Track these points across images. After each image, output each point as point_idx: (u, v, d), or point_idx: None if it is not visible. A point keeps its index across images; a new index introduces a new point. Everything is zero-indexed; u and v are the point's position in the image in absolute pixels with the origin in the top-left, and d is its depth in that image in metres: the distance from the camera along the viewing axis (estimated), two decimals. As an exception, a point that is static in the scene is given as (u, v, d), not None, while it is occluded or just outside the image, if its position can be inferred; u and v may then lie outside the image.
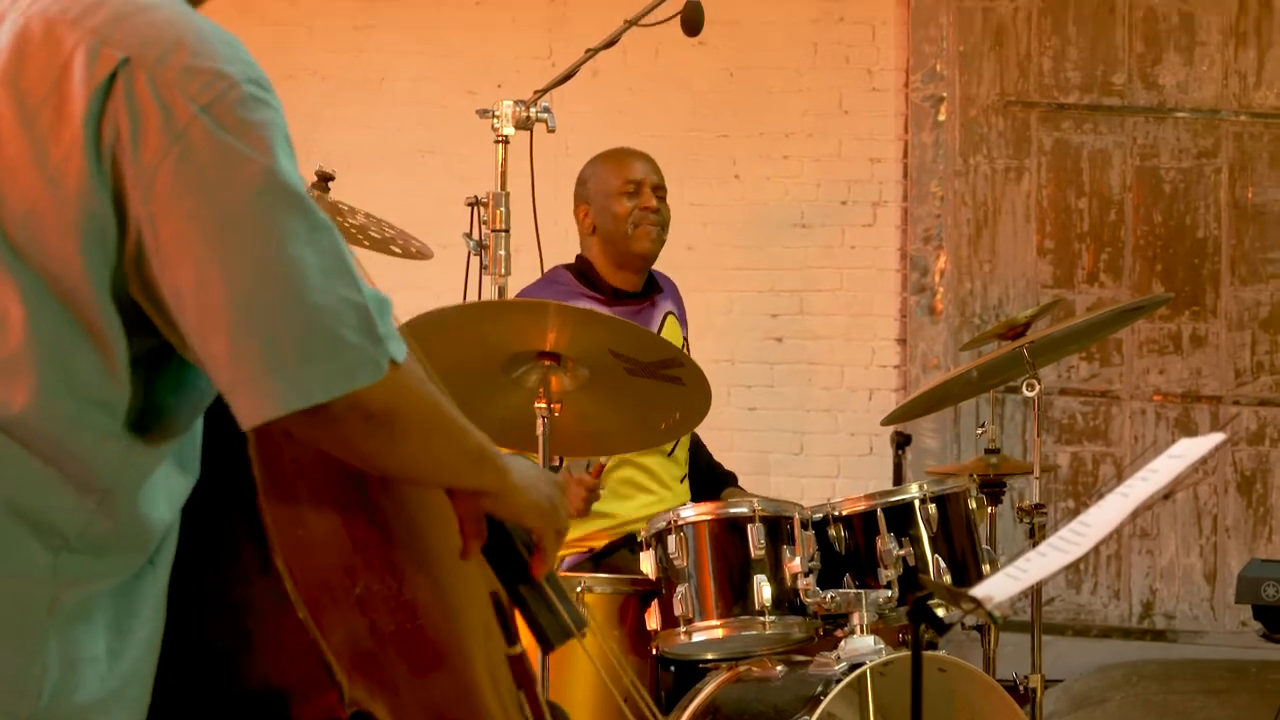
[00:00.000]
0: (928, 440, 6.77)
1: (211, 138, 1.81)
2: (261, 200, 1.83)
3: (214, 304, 1.81)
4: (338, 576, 2.03)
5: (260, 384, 1.83)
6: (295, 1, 7.04)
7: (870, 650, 3.88)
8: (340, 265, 1.86)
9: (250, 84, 1.85)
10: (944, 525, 4.13)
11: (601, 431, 4.24)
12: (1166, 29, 6.87)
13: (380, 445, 1.94)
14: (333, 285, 1.85)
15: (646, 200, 4.84)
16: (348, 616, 2.02)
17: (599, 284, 4.88)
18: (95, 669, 1.90)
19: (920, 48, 6.91)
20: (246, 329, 1.82)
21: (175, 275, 1.82)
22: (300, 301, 1.83)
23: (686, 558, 4.04)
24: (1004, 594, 2.27)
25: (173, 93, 1.82)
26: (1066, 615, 6.87)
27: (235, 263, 1.81)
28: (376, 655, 2.03)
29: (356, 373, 1.85)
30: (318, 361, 1.83)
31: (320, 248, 1.85)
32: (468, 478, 2.09)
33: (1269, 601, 5.30)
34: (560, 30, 6.94)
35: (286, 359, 1.82)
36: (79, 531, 1.88)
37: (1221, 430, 6.66)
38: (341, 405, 1.86)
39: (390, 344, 1.89)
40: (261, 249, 1.82)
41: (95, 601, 1.90)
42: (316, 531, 2.03)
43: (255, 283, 1.82)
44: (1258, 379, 6.83)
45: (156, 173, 1.81)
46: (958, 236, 6.93)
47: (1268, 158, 6.83)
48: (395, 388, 1.90)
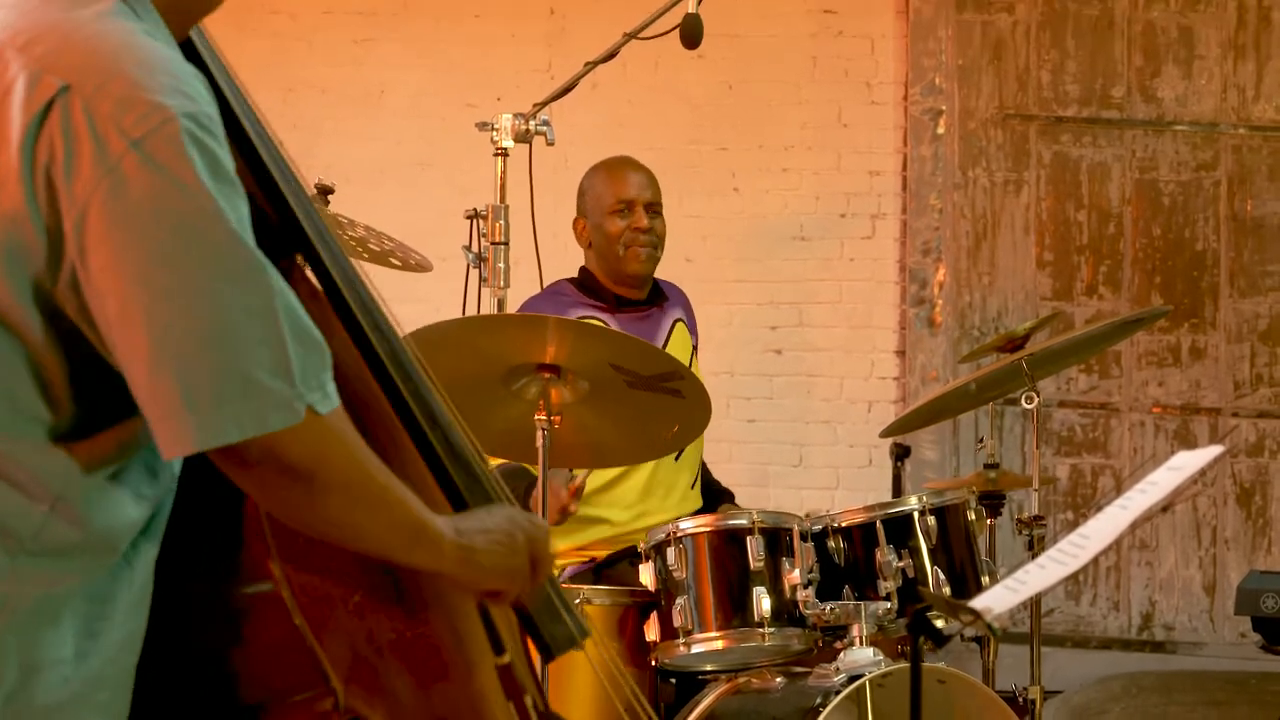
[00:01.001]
0: (927, 452, 6.76)
1: (143, 173, 1.80)
2: (188, 239, 1.82)
3: (135, 338, 1.82)
4: (337, 584, 2.04)
5: (176, 420, 1.83)
6: (295, 16, 7.04)
7: (869, 662, 3.89)
8: (264, 308, 1.85)
9: (188, 119, 1.83)
10: (943, 537, 4.14)
11: (601, 443, 4.26)
12: (1165, 42, 6.87)
13: (299, 499, 1.93)
14: (252, 328, 1.84)
15: (638, 221, 4.84)
16: (346, 624, 2.03)
17: (601, 293, 4.88)
18: (59, 671, 1.90)
19: (919, 61, 6.91)
20: (163, 365, 1.82)
21: (102, 305, 1.82)
22: (216, 343, 1.82)
23: (686, 569, 4.05)
24: (1003, 605, 2.28)
25: (107, 125, 1.80)
26: (1066, 627, 6.86)
27: (156, 300, 1.81)
28: (375, 663, 2.04)
29: (269, 416, 1.85)
30: (230, 402, 1.83)
31: (246, 289, 1.84)
32: (400, 554, 2.05)
33: (1268, 613, 5.29)
34: (559, 44, 6.94)
35: (200, 398, 1.82)
36: (33, 535, 1.88)
37: (1220, 442, 6.67)
38: (256, 450, 1.86)
39: (312, 394, 1.88)
40: (183, 288, 1.81)
41: (64, 603, 1.90)
42: (317, 542, 2.02)
43: (174, 321, 1.81)
44: (1256, 391, 6.84)
45: (88, 204, 1.80)
46: (957, 249, 6.93)
47: (1266, 171, 6.84)
48: (315, 440, 1.90)
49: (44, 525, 1.88)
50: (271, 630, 1.98)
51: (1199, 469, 2.42)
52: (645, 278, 4.90)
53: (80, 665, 1.92)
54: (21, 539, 1.88)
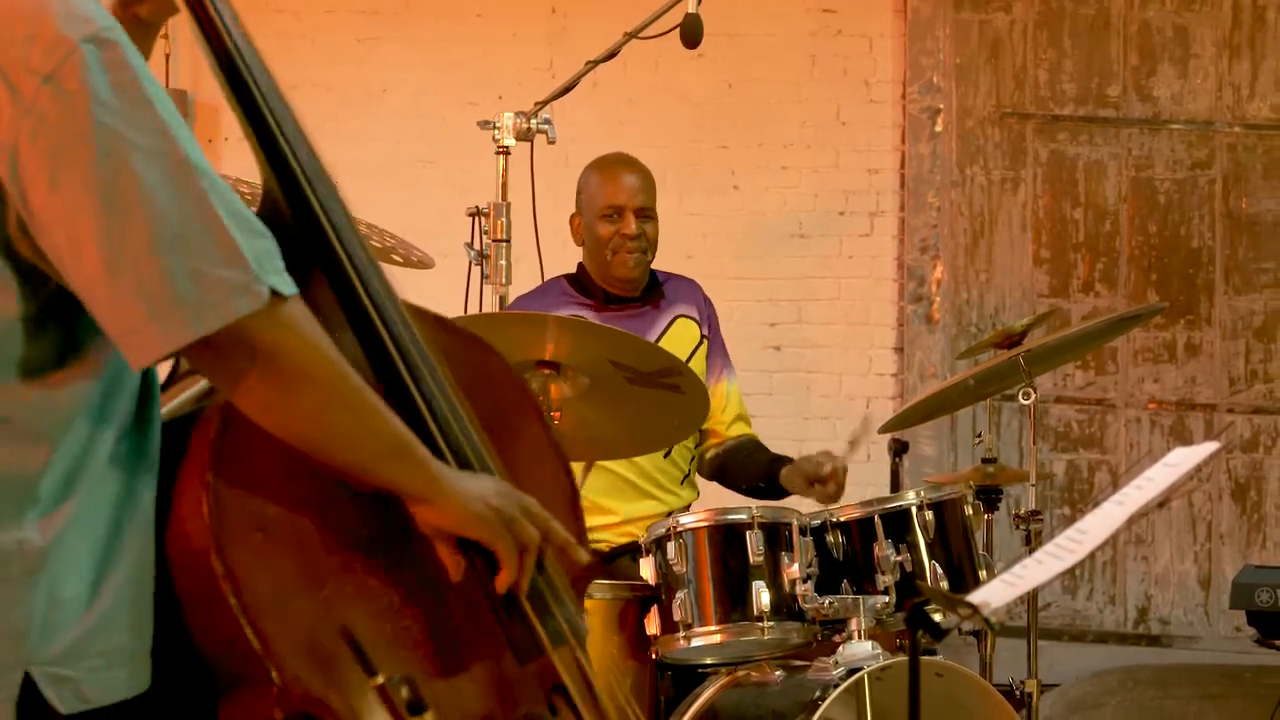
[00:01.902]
0: (925, 447, 6.76)
1: (58, 104, 1.85)
2: (113, 156, 1.86)
3: (86, 263, 1.86)
4: (302, 580, 2.04)
5: (141, 329, 1.87)
6: (298, 15, 7.05)
7: (868, 655, 3.89)
8: (201, 205, 1.89)
9: (88, 43, 1.87)
10: (941, 532, 4.15)
11: (601, 438, 4.26)
12: (1161, 42, 6.89)
13: (274, 392, 1.95)
14: (193, 226, 1.88)
15: (626, 227, 4.82)
16: (310, 619, 2.02)
17: (591, 289, 4.89)
18: (77, 604, 1.93)
19: (917, 60, 6.92)
20: (118, 280, 1.86)
21: (51, 239, 1.87)
22: (162, 246, 1.86)
23: (686, 564, 4.05)
24: (1000, 600, 2.28)
25: (16, 67, 1.85)
26: (1062, 620, 6.87)
27: (96, 219, 1.85)
28: (329, 653, 2.03)
29: (231, 303, 1.88)
30: (188, 299, 1.86)
31: (180, 190, 1.88)
32: (382, 467, 2.06)
33: (1263, 607, 5.30)
34: (560, 43, 6.94)
35: (159, 302, 1.86)
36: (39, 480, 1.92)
37: (1216, 438, 6.69)
38: (225, 337, 1.89)
39: (271, 277, 1.92)
40: (118, 202, 1.85)
41: (70, 528, 1.93)
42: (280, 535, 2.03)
43: (116, 236, 1.85)
44: (1251, 387, 6.85)
45: (17, 147, 1.85)
46: (954, 246, 6.94)
47: (1261, 169, 6.86)
48: (280, 323, 1.93)
49: (42, 469, 1.92)
50: (214, 619, 1.98)
51: (1194, 465, 2.43)
52: (632, 281, 4.90)
53: (98, 591, 1.95)
54: (29, 485, 1.92)
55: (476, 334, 2.37)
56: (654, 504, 4.85)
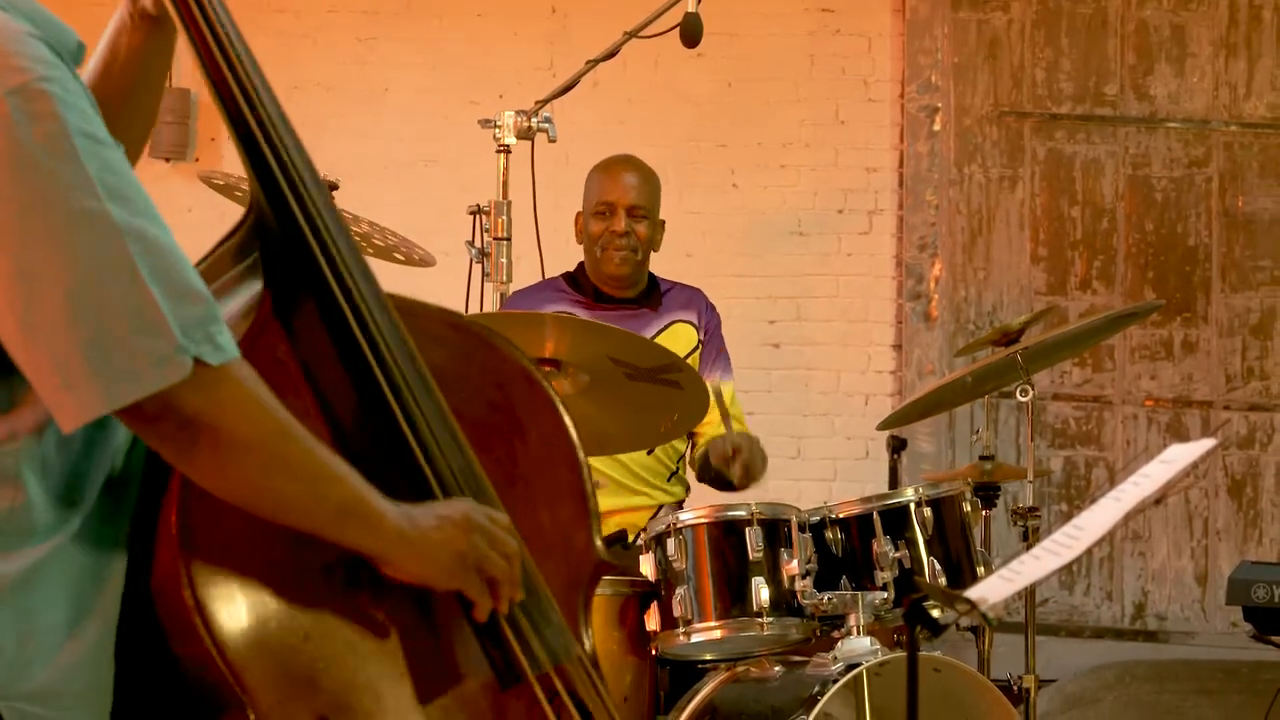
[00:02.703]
0: (923, 444, 6.77)
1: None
2: (30, 220, 1.78)
3: (4, 326, 1.80)
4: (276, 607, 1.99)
5: (59, 396, 1.80)
6: (300, 15, 7.06)
7: (866, 651, 3.88)
8: (123, 271, 1.80)
9: (14, 95, 1.79)
10: (939, 528, 4.13)
11: (602, 433, 4.26)
12: (1158, 41, 6.90)
13: (209, 458, 1.88)
14: (111, 293, 1.79)
15: (615, 224, 4.84)
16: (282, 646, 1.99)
17: (584, 287, 4.92)
18: (53, 637, 1.89)
19: (915, 59, 6.93)
20: (35, 347, 1.79)
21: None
22: (76, 316, 1.78)
23: (685, 560, 4.04)
24: (998, 596, 2.28)
25: None
26: (1060, 616, 6.88)
27: (13, 285, 1.78)
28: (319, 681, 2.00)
29: (146, 375, 1.80)
30: (103, 371, 1.79)
31: (100, 256, 1.79)
32: (327, 528, 1.98)
33: (1259, 603, 5.30)
34: (561, 42, 6.95)
35: (74, 372, 1.78)
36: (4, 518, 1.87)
37: (1212, 435, 6.70)
38: (153, 406, 1.82)
39: (198, 346, 1.83)
40: (34, 269, 1.77)
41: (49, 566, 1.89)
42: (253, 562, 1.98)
43: (32, 302, 1.78)
44: (1248, 384, 6.86)
45: None
46: (952, 244, 6.96)
47: (1257, 167, 6.87)
48: (212, 392, 1.85)
49: (12, 507, 1.87)
50: (188, 650, 1.94)
51: (1191, 461, 2.42)
52: (625, 279, 4.91)
53: (76, 629, 1.91)
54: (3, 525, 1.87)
55: (488, 328, 2.31)
56: (641, 499, 4.87)
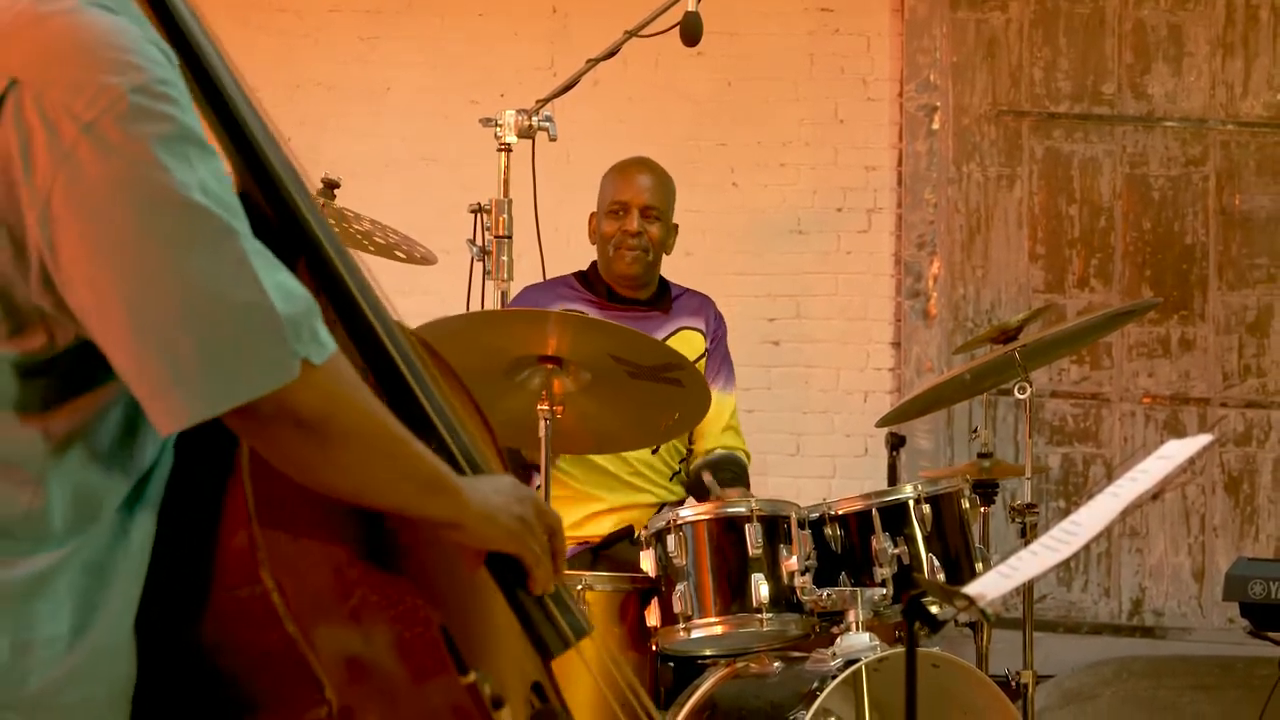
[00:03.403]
0: (922, 441, 6.77)
1: (98, 156, 1.75)
2: (151, 216, 1.76)
3: (113, 323, 1.78)
4: (333, 589, 2.00)
5: (167, 396, 1.79)
6: (301, 14, 7.06)
7: (865, 647, 3.91)
8: (240, 271, 1.80)
9: (136, 93, 1.77)
10: (938, 524, 4.16)
11: (603, 431, 4.29)
12: (1155, 40, 6.91)
13: (316, 453, 1.89)
14: (230, 293, 1.79)
15: (628, 224, 4.87)
16: (341, 628, 1.99)
17: (596, 287, 4.93)
18: (54, 648, 1.86)
19: (914, 58, 6.94)
20: (146, 345, 1.77)
21: (76, 296, 1.78)
22: (194, 315, 1.77)
23: (685, 556, 4.07)
24: (996, 591, 2.28)
25: (58, 113, 1.75)
26: (1058, 612, 6.88)
27: (128, 281, 1.76)
28: (370, 665, 2.00)
29: (261, 377, 1.80)
30: (218, 371, 1.78)
31: (218, 256, 1.79)
32: (416, 504, 2.01)
33: (1256, 599, 5.30)
34: (561, 41, 6.95)
35: (188, 371, 1.77)
36: (21, 521, 1.85)
37: (1209, 432, 6.72)
38: (268, 407, 1.82)
39: (306, 346, 1.83)
40: (153, 266, 1.77)
41: (58, 578, 1.87)
42: (312, 544, 1.99)
43: (149, 300, 1.77)
44: (1245, 382, 6.87)
45: (50, 196, 1.76)
46: (951, 242, 6.96)
47: (1254, 166, 6.88)
48: (323, 391, 1.86)
49: (29, 510, 1.85)
50: (262, 636, 1.92)
51: (1188, 458, 2.43)
52: (636, 279, 4.93)
53: (78, 640, 1.88)
54: (9, 528, 1.85)
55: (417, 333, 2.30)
56: (645, 496, 4.88)
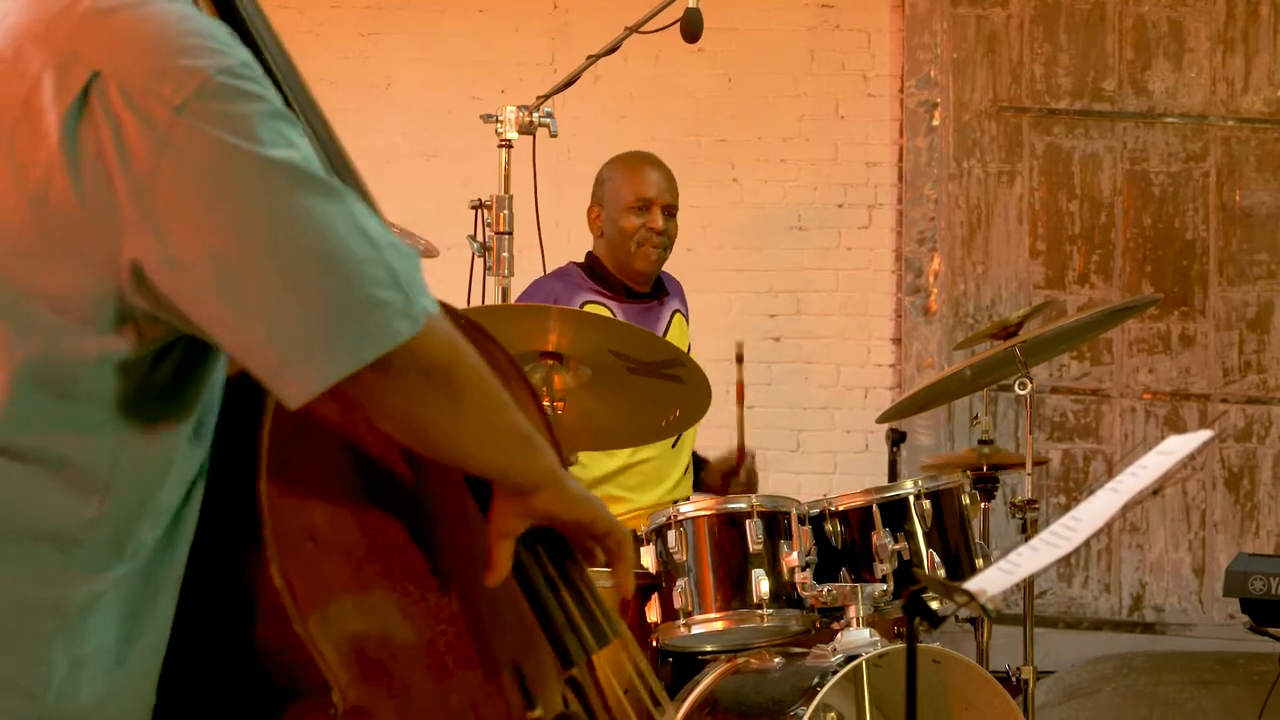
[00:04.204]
0: (922, 437, 6.79)
1: (195, 138, 1.74)
2: (261, 187, 1.77)
3: (242, 298, 1.76)
4: (349, 587, 1.98)
5: (304, 359, 1.78)
6: (302, 9, 7.07)
7: (866, 642, 3.90)
8: (355, 228, 1.80)
9: (223, 74, 1.77)
10: (938, 520, 4.16)
11: (604, 427, 4.27)
12: (1156, 36, 6.92)
13: (441, 405, 1.89)
14: (352, 248, 1.79)
15: (653, 221, 4.88)
16: (357, 627, 1.97)
17: (610, 281, 4.93)
18: (104, 660, 1.85)
19: (915, 54, 6.95)
20: (278, 313, 1.77)
21: (189, 277, 1.76)
22: (325, 272, 1.77)
23: (686, 552, 4.07)
24: (997, 587, 2.26)
25: (148, 100, 1.74)
26: (1058, 608, 6.90)
27: (249, 249, 1.76)
28: (387, 664, 1.99)
29: (396, 326, 1.80)
30: (354, 325, 1.78)
31: (334, 215, 1.79)
32: (518, 461, 2.01)
33: (1256, 595, 5.31)
34: (562, 37, 6.97)
35: (325, 328, 1.77)
36: (87, 531, 1.83)
37: (1209, 428, 6.72)
38: (400, 359, 1.81)
39: (421, 298, 1.84)
40: (271, 232, 1.77)
41: (110, 589, 1.85)
42: (329, 543, 1.97)
43: (273, 265, 1.76)
44: (1245, 377, 6.88)
45: (153, 184, 1.74)
46: (951, 239, 6.97)
47: (1254, 161, 6.89)
48: (443, 340, 1.87)
49: (97, 520, 1.83)
50: (273, 633, 1.92)
51: (1189, 453, 2.42)
52: (652, 275, 4.96)
53: (126, 652, 1.87)
54: (77, 538, 1.82)
55: (477, 321, 2.29)
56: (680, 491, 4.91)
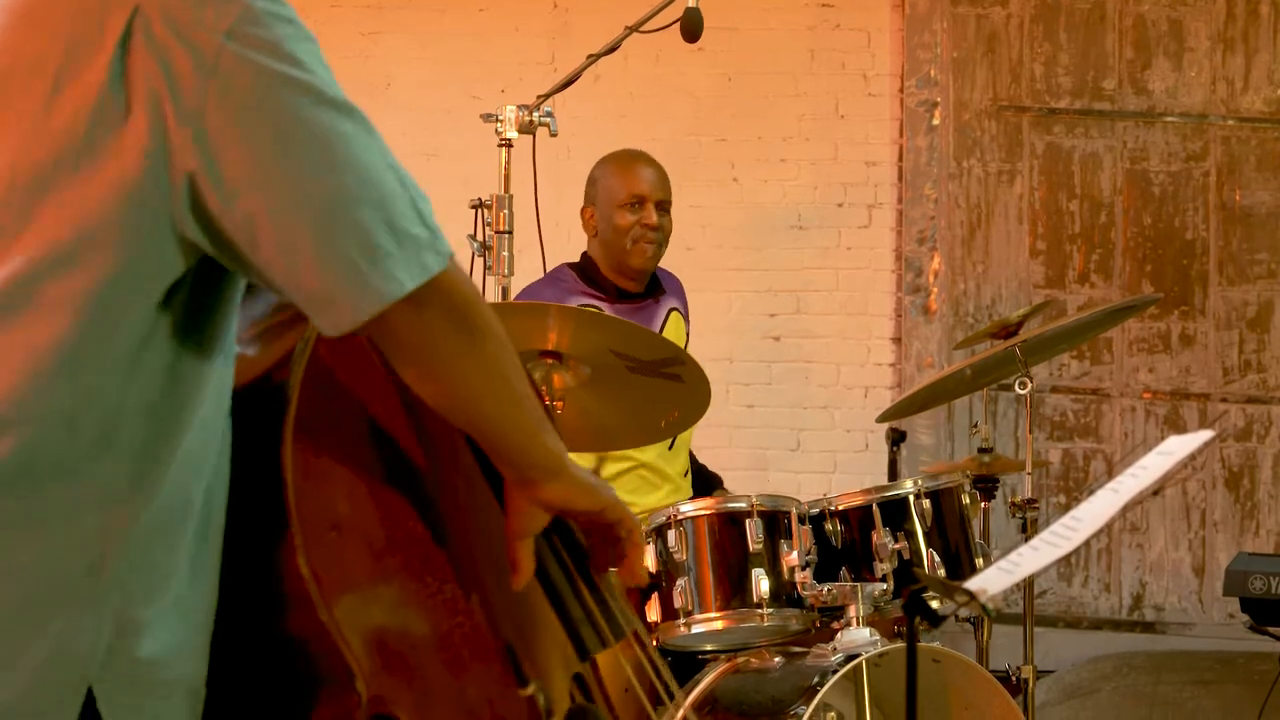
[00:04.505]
0: (922, 437, 6.79)
1: (243, 63, 1.77)
2: (309, 112, 1.80)
3: (290, 224, 1.79)
4: (371, 577, 2.00)
5: (356, 283, 1.80)
6: (302, 8, 6.92)
7: (866, 642, 3.91)
8: (387, 162, 1.84)
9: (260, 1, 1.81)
10: (938, 520, 4.17)
11: (603, 427, 4.26)
12: (1156, 35, 6.92)
13: (464, 343, 1.90)
14: (387, 181, 1.83)
15: (648, 217, 4.87)
16: (378, 617, 1.98)
17: (602, 283, 4.92)
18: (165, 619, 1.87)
19: (915, 54, 6.95)
20: (324, 241, 1.80)
21: (244, 204, 1.79)
22: (366, 201, 1.80)
23: (686, 551, 4.08)
24: (997, 587, 2.27)
25: (192, 29, 1.77)
26: (1058, 608, 6.90)
27: (302, 179, 1.79)
28: (407, 655, 2.00)
29: (427, 259, 1.83)
30: (392, 254, 1.81)
31: (369, 146, 1.83)
32: (528, 434, 2.00)
33: (1256, 594, 5.31)
34: (562, 37, 6.97)
35: (367, 258, 1.80)
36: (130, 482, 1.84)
37: (1209, 427, 6.72)
38: (428, 292, 1.83)
39: (442, 238, 1.88)
40: (322, 160, 1.80)
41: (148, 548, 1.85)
42: (351, 533, 1.98)
43: (327, 187, 1.80)
44: (1245, 377, 6.89)
45: (203, 112, 1.77)
46: (951, 238, 6.97)
47: (1254, 161, 6.89)
48: (460, 278, 1.89)
49: (137, 472, 1.84)
50: (297, 623, 1.92)
51: (1189, 453, 2.42)
52: (647, 272, 4.96)
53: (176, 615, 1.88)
54: (118, 490, 1.84)
55: None
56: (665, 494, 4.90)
